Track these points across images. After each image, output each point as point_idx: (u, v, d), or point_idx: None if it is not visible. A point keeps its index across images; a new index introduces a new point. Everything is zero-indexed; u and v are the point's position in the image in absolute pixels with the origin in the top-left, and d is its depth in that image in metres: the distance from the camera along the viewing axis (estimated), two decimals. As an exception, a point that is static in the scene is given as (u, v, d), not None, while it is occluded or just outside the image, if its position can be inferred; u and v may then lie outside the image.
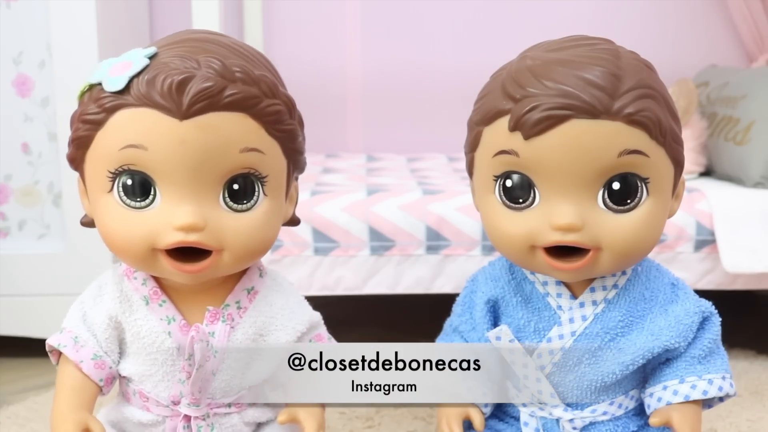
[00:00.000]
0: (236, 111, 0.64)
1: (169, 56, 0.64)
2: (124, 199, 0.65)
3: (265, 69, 0.67)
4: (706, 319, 0.74)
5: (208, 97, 0.62)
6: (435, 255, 1.19)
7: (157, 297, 0.71)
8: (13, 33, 1.26)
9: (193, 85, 0.62)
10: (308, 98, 1.79)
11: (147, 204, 0.65)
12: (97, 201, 0.67)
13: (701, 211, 1.21)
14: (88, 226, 0.72)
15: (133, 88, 0.63)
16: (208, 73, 0.63)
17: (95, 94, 0.65)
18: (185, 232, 0.64)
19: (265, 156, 0.67)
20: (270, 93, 0.66)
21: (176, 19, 1.69)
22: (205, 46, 0.65)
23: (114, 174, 0.65)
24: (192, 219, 0.64)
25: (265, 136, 0.66)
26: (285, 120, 0.67)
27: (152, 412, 0.72)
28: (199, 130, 0.63)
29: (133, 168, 0.65)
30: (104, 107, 0.64)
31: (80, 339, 0.70)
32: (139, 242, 0.65)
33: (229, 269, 0.69)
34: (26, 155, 1.29)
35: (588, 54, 0.66)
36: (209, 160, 0.64)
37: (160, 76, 0.62)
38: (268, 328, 0.73)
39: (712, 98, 1.51)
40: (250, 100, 0.64)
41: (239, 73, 0.64)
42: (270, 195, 0.68)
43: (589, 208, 0.67)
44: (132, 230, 0.65)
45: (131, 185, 0.65)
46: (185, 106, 0.62)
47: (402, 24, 1.83)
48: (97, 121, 0.64)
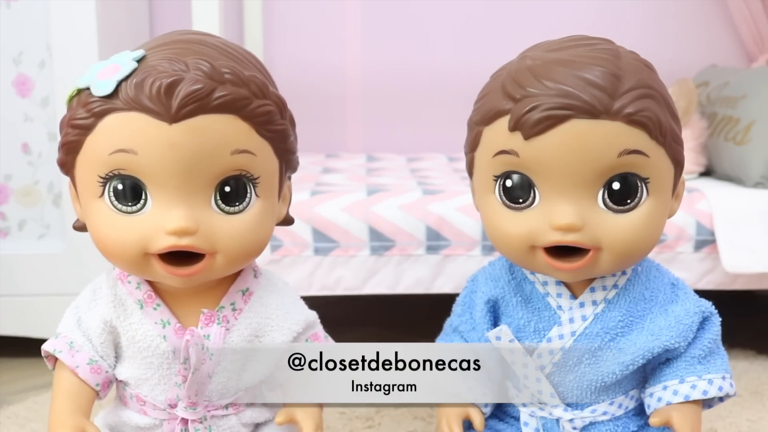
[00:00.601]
0: (226, 113, 0.63)
1: (158, 59, 0.63)
2: (115, 203, 0.65)
3: (255, 69, 0.67)
4: (706, 319, 0.74)
5: (198, 99, 0.62)
6: (435, 255, 1.19)
7: (151, 301, 0.71)
8: (13, 33, 1.26)
9: (181, 88, 0.61)
10: (308, 98, 1.79)
11: (138, 208, 0.65)
12: (89, 206, 0.67)
13: (701, 211, 1.21)
14: (80, 230, 0.72)
15: (121, 92, 0.62)
16: (196, 75, 0.62)
17: (84, 99, 0.64)
18: (177, 236, 0.64)
19: (257, 157, 0.66)
20: (260, 93, 0.65)
21: (176, 19, 1.69)
22: (194, 47, 0.65)
23: (104, 179, 0.65)
24: (184, 223, 0.64)
25: (255, 137, 0.66)
26: (276, 120, 0.67)
27: (149, 415, 0.72)
28: (189, 133, 0.62)
29: (123, 172, 0.64)
30: (93, 112, 0.63)
31: (75, 344, 0.70)
32: (131, 247, 0.65)
33: (223, 272, 0.68)
34: (26, 155, 1.29)
35: (588, 54, 0.66)
36: (200, 163, 0.64)
37: (148, 79, 0.62)
38: (263, 329, 0.73)
39: (712, 98, 1.51)
40: (239, 102, 0.64)
41: (228, 75, 0.63)
42: (262, 196, 0.68)
43: (589, 208, 0.67)
44: (124, 235, 0.65)
45: (122, 190, 0.65)
46: (174, 109, 0.61)
47: (402, 24, 1.83)
48: (86, 125, 0.64)
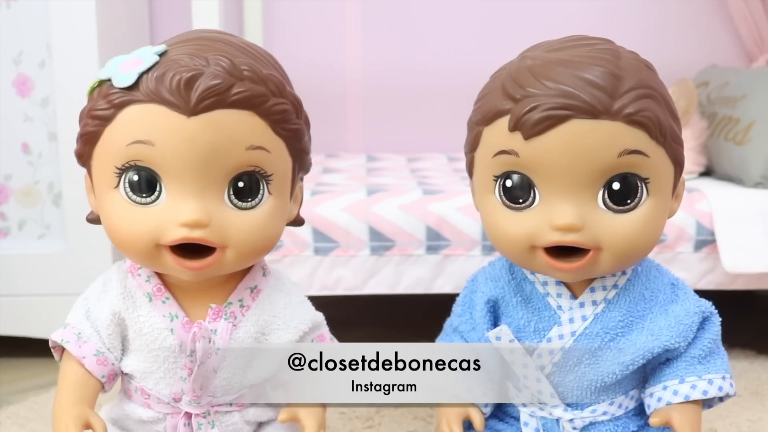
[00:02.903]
0: (243, 109, 0.64)
1: (179, 54, 0.64)
2: (130, 194, 0.66)
3: (272, 68, 0.68)
4: (706, 319, 0.74)
5: (216, 94, 0.63)
6: (435, 255, 1.19)
7: (160, 294, 0.71)
8: (13, 33, 1.26)
9: (201, 82, 0.62)
10: (308, 98, 1.76)
11: (152, 200, 0.66)
12: (104, 197, 0.68)
13: (701, 211, 1.21)
14: (94, 222, 0.73)
15: (142, 85, 0.64)
16: (216, 70, 0.63)
17: (105, 90, 0.65)
18: (189, 229, 0.65)
19: (271, 154, 0.67)
20: (277, 92, 0.66)
21: (176, 20, 1.69)
22: (215, 44, 0.66)
23: (121, 170, 0.66)
24: (196, 215, 0.64)
25: (271, 134, 0.67)
26: (291, 119, 0.68)
27: (153, 409, 0.72)
28: (206, 127, 0.63)
29: (139, 164, 0.65)
30: (113, 103, 0.64)
31: (83, 335, 0.71)
32: (143, 238, 0.66)
33: (233, 267, 0.69)
34: (26, 155, 1.29)
35: (588, 54, 0.66)
36: (215, 157, 0.65)
37: (169, 72, 0.63)
38: (270, 327, 0.73)
39: (712, 98, 1.51)
40: (257, 99, 0.65)
41: (247, 72, 0.64)
42: (275, 194, 0.69)
43: (589, 208, 0.67)
44: (137, 226, 0.66)
45: (137, 181, 0.66)
46: (193, 102, 0.62)
47: (402, 24, 1.82)
48: (105, 116, 0.65)
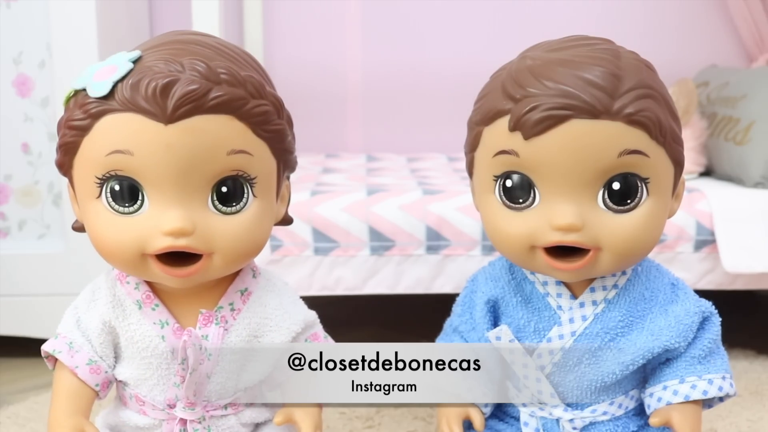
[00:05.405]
0: (222, 113, 0.63)
1: (154, 60, 0.63)
2: (113, 204, 0.65)
3: (251, 69, 0.67)
4: (706, 319, 0.74)
5: (193, 100, 0.62)
6: (435, 255, 1.19)
7: (149, 301, 0.71)
8: (13, 33, 1.26)
9: (177, 89, 0.61)
10: (308, 98, 1.79)
11: (135, 209, 0.65)
12: (86, 206, 0.67)
13: (701, 211, 1.21)
14: (79, 231, 0.72)
15: (117, 93, 0.62)
16: (192, 75, 0.62)
17: (80, 100, 0.64)
18: (174, 237, 0.64)
19: (254, 157, 0.66)
20: (257, 93, 0.65)
21: (176, 19, 1.69)
22: (190, 48, 0.64)
23: (101, 180, 0.65)
24: (180, 223, 0.64)
25: (252, 137, 0.65)
26: (273, 120, 0.67)
27: (149, 415, 0.72)
28: (185, 134, 0.62)
29: (120, 173, 0.64)
30: (89, 113, 0.63)
31: (75, 344, 0.70)
32: (128, 248, 0.65)
33: (220, 272, 0.68)
34: (26, 155, 1.29)
35: (588, 54, 0.66)
36: (196, 164, 0.64)
37: (144, 80, 0.62)
38: (262, 329, 0.73)
39: (712, 98, 1.51)
40: (236, 102, 0.63)
41: (224, 75, 0.63)
42: (260, 196, 0.68)
43: (589, 208, 0.67)
44: (121, 236, 0.65)
45: (119, 191, 0.65)
46: (170, 110, 0.61)
47: (402, 24, 1.82)
48: (83, 126, 0.64)
